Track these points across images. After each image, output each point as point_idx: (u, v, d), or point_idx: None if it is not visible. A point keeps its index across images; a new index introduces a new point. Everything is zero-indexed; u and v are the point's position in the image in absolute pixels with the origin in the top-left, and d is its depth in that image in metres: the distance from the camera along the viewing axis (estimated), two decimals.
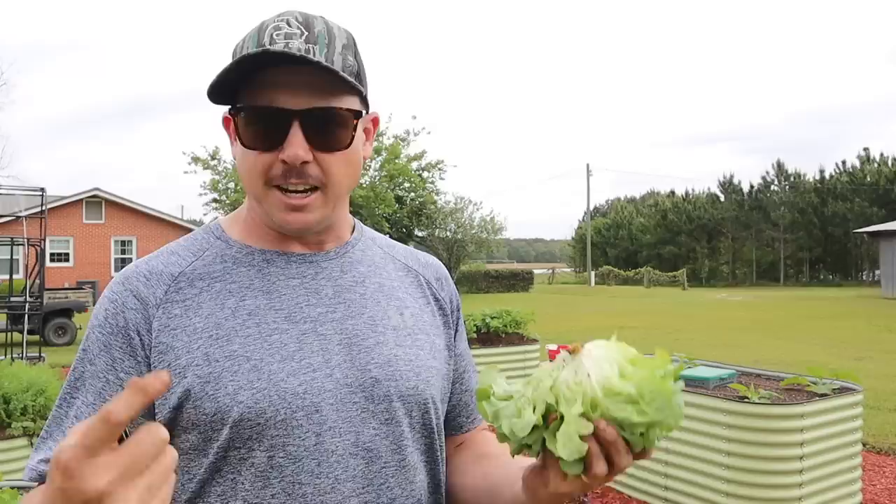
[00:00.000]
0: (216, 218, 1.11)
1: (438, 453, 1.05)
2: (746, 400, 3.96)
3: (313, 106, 0.92)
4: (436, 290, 1.14)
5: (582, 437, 0.72)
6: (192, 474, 0.93)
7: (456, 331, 1.15)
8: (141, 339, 0.93)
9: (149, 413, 0.94)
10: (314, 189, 0.94)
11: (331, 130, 0.94)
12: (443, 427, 1.08)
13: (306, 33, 0.92)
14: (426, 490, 1.02)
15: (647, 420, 0.71)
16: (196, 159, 21.64)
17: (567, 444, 0.72)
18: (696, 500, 4.14)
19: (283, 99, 0.91)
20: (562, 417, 0.72)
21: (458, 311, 1.18)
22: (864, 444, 4.82)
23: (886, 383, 8.61)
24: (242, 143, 0.94)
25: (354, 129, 0.96)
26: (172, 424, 0.92)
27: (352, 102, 0.96)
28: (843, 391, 4.23)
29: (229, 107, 0.96)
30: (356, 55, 0.97)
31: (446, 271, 1.20)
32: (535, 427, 0.74)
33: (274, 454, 0.90)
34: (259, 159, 0.93)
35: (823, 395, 4.12)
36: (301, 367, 0.93)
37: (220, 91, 0.93)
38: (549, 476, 0.78)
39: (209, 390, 0.89)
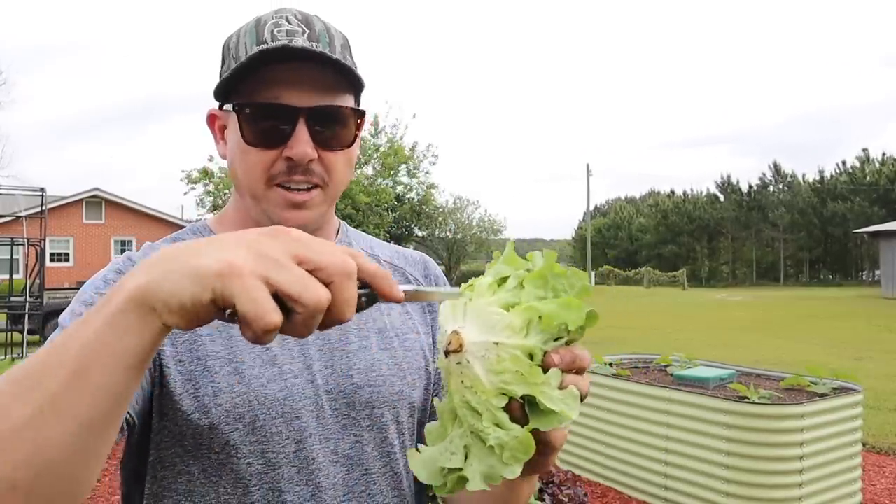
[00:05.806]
0: (202, 218, 1.08)
1: None
2: (746, 400, 3.96)
3: (319, 104, 0.91)
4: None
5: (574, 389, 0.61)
6: (178, 470, 0.89)
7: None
8: None
9: (146, 400, 0.90)
10: (315, 187, 0.94)
11: (336, 129, 0.93)
12: None
13: (308, 31, 0.91)
14: (414, 496, 1.00)
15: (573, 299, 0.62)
16: (202, 170, 20.76)
17: (564, 402, 0.60)
18: (696, 500, 4.14)
19: (289, 96, 0.90)
20: (528, 400, 0.61)
21: None
22: (864, 444, 4.82)
23: (886, 383, 8.62)
24: (245, 140, 0.92)
25: (358, 129, 0.96)
26: (160, 416, 0.88)
27: (350, 101, 0.96)
28: (842, 391, 4.23)
29: (221, 104, 0.95)
30: (352, 55, 0.97)
31: (436, 267, 1.17)
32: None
33: (253, 461, 0.88)
34: (261, 157, 0.92)
35: (823, 395, 4.13)
36: (282, 373, 0.91)
37: (223, 89, 0.91)
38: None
39: (189, 388, 0.87)
